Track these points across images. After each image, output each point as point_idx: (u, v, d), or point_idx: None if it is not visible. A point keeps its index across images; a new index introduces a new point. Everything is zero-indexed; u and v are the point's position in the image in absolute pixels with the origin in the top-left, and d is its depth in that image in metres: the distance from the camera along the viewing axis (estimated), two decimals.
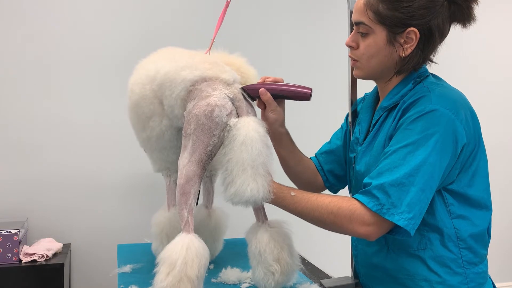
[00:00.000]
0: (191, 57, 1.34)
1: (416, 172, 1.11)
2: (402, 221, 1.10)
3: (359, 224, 1.13)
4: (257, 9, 2.67)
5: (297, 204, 1.22)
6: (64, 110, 2.41)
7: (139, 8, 2.50)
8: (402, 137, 1.15)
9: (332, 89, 2.61)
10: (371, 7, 1.20)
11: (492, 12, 2.92)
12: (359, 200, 1.15)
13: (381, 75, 1.28)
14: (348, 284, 1.46)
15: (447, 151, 1.14)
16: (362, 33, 1.24)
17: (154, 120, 1.43)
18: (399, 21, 1.18)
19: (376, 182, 1.13)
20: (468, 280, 1.23)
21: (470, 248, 1.23)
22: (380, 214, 1.11)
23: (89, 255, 2.44)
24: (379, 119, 1.30)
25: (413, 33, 1.19)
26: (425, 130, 1.13)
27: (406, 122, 1.16)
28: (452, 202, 1.22)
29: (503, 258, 2.85)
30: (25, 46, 2.37)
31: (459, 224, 1.22)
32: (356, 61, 1.28)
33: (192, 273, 1.13)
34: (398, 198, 1.10)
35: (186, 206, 1.22)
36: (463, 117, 1.17)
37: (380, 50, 1.22)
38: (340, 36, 1.76)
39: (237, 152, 1.18)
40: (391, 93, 1.28)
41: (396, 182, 1.11)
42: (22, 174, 2.36)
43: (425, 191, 1.12)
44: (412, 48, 1.20)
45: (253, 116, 1.26)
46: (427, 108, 1.14)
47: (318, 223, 1.21)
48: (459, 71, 2.81)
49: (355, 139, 1.39)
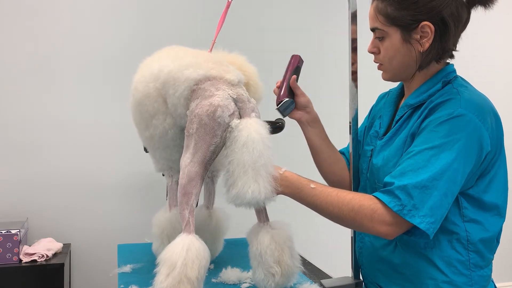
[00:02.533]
0: (195, 56, 1.34)
1: (440, 177, 1.10)
2: (424, 224, 1.10)
3: (379, 223, 1.13)
4: (258, 9, 2.67)
5: (316, 197, 1.21)
6: (64, 110, 2.41)
7: (139, 9, 2.50)
8: (428, 138, 1.14)
9: (333, 89, 2.61)
10: (380, 11, 1.22)
11: (491, 13, 2.91)
12: (380, 199, 1.14)
13: (407, 74, 1.28)
14: (348, 284, 1.46)
15: (471, 158, 1.13)
16: (379, 38, 1.26)
17: (157, 118, 1.43)
18: (410, 18, 1.18)
19: (399, 182, 1.12)
20: (472, 282, 1.23)
21: (478, 251, 1.23)
22: (400, 215, 1.11)
23: (89, 255, 2.44)
24: (403, 116, 1.28)
25: (427, 27, 1.18)
26: (452, 134, 1.11)
27: (433, 124, 1.15)
28: (466, 206, 1.21)
29: (503, 259, 2.86)
30: (25, 46, 2.37)
31: (471, 228, 1.22)
32: (381, 65, 1.30)
33: (192, 274, 1.13)
34: (421, 200, 1.10)
35: (187, 207, 1.21)
36: (489, 124, 1.16)
37: (398, 50, 1.23)
38: (342, 35, 1.76)
39: (239, 154, 1.17)
40: (417, 91, 1.26)
41: (420, 184, 1.10)
42: (22, 174, 2.36)
43: (448, 196, 1.12)
44: (429, 42, 1.20)
45: (255, 118, 1.25)
46: (455, 112, 1.13)
47: (336, 218, 1.20)
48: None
49: (375, 132, 1.38)
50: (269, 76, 1.49)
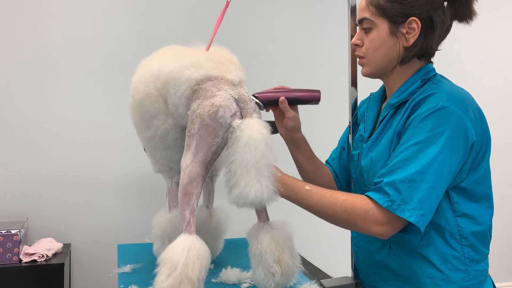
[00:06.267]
0: (195, 56, 1.33)
1: (426, 170, 1.12)
2: (413, 218, 1.11)
3: (373, 223, 1.14)
4: (257, 10, 2.67)
5: (311, 198, 1.22)
6: (64, 110, 2.41)
7: (139, 9, 2.51)
8: (413, 134, 1.16)
9: (332, 90, 2.61)
10: (372, 2, 1.25)
11: (491, 15, 2.92)
12: (371, 197, 1.15)
13: (388, 69, 1.29)
14: (348, 284, 1.46)
15: (458, 149, 1.14)
16: (366, 29, 1.27)
17: (158, 119, 1.42)
18: (400, 12, 1.21)
19: (387, 179, 1.14)
20: (470, 277, 1.24)
21: (472, 245, 1.24)
22: (390, 210, 1.12)
23: (89, 255, 2.44)
24: (386, 116, 1.30)
25: (414, 23, 1.21)
26: (435, 128, 1.13)
27: (416, 120, 1.16)
28: (457, 200, 1.23)
29: (503, 258, 2.86)
30: (25, 46, 2.37)
31: (463, 222, 1.23)
32: (363, 58, 1.30)
33: (193, 275, 1.13)
34: (409, 194, 1.11)
35: (188, 207, 1.21)
36: (472, 115, 1.17)
37: (384, 42, 1.25)
38: (341, 36, 1.76)
39: (241, 154, 1.16)
40: (399, 91, 1.29)
41: (407, 178, 1.12)
42: (22, 174, 2.36)
43: (435, 188, 1.13)
44: (414, 38, 1.23)
45: (257, 118, 1.24)
46: (438, 105, 1.15)
47: (331, 219, 1.21)
48: (456, 74, 2.81)
49: (360, 136, 1.39)
50: (268, 75, 1.49)
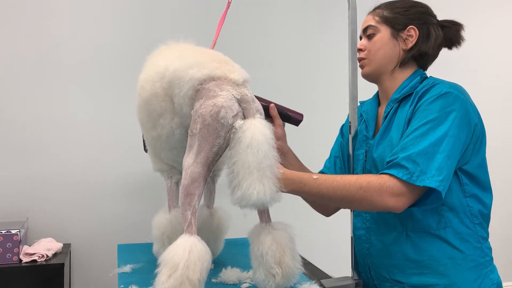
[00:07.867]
0: (200, 55, 1.33)
1: (440, 142, 1.19)
2: (434, 183, 1.16)
3: (389, 195, 1.17)
4: (258, 10, 2.66)
5: (321, 186, 1.23)
6: (64, 110, 2.41)
7: (140, 9, 2.50)
8: (422, 116, 1.24)
9: (333, 91, 2.61)
10: (377, 14, 1.42)
11: (490, 15, 2.92)
12: (388, 173, 1.20)
13: (387, 69, 1.40)
14: (348, 284, 1.46)
15: (464, 128, 1.23)
16: (370, 35, 1.41)
17: (165, 118, 1.42)
18: (401, 21, 1.39)
19: (402, 154, 1.20)
20: (484, 254, 1.33)
21: (481, 224, 1.34)
22: (410, 182, 1.17)
23: (89, 255, 2.44)
24: (390, 111, 1.38)
25: (413, 30, 1.38)
26: (443, 108, 1.23)
27: (424, 104, 1.26)
28: (466, 182, 1.31)
29: (504, 259, 2.86)
30: (25, 46, 2.36)
31: (472, 202, 1.32)
32: (364, 59, 1.42)
33: (194, 276, 1.13)
34: (427, 165, 1.18)
35: (189, 208, 1.20)
36: (471, 101, 1.29)
37: (385, 44, 1.39)
38: (341, 37, 1.76)
39: (243, 155, 1.16)
40: (400, 88, 1.39)
41: (423, 152, 1.18)
42: (22, 173, 2.36)
43: (450, 158, 1.20)
44: (413, 43, 1.38)
45: (259, 118, 1.23)
46: (442, 91, 1.26)
47: (345, 201, 1.22)
48: (456, 75, 2.81)
49: (363, 137, 1.44)
50: (268, 76, 1.49)
